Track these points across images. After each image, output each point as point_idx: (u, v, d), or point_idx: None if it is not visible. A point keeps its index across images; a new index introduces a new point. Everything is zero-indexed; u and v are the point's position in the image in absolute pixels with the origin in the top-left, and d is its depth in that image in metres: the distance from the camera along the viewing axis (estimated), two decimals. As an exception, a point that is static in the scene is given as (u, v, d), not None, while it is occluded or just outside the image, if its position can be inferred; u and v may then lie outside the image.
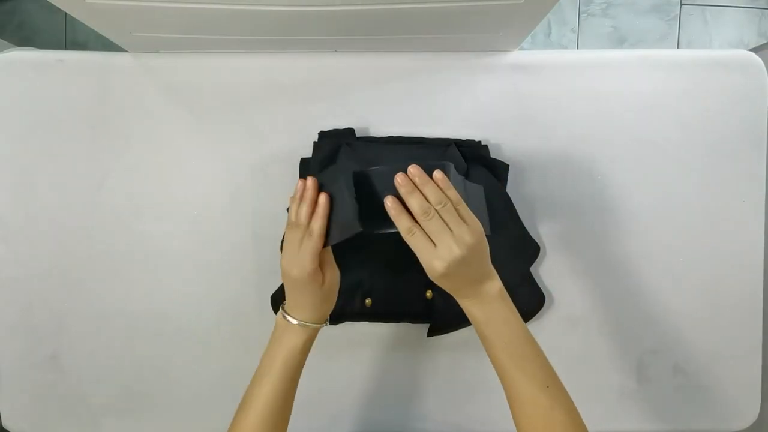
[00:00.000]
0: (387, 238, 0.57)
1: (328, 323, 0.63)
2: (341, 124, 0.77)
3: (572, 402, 0.56)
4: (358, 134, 0.77)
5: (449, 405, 0.80)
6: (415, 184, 0.55)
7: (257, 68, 0.78)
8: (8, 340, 0.80)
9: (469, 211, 0.55)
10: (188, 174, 0.78)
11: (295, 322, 0.59)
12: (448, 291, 0.58)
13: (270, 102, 0.78)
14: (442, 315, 0.74)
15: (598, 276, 0.80)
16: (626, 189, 0.79)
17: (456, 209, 0.54)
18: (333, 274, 0.61)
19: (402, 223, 0.54)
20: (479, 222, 0.56)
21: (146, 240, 0.79)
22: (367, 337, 0.80)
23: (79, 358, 0.80)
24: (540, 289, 0.78)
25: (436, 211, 0.53)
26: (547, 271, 0.79)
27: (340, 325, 0.77)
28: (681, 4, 1.60)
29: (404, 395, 0.80)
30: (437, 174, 0.55)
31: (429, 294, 0.74)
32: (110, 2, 0.58)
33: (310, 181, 0.58)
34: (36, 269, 0.79)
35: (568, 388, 0.57)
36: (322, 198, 0.57)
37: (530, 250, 0.77)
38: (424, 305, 0.75)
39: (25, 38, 1.57)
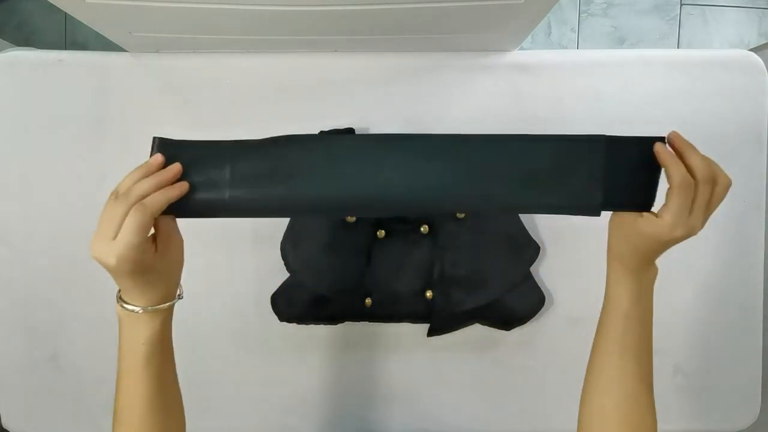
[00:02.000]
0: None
1: (180, 297, 0.54)
2: (341, 124, 0.77)
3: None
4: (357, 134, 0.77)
5: (449, 405, 0.80)
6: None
7: (257, 68, 0.78)
8: (8, 340, 0.80)
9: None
10: (188, 174, 0.78)
11: (139, 310, 0.49)
12: (636, 257, 0.54)
13: (270, 102, 0.78)
14: (442, 315, 0.74)
15: (598, 276, 0.80)
16: (626, 189, 0.79)
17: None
18: (178, 242, 0.53)
19: (678, 170, 0.48)
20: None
21: (146, 240, 0.78)
22: (367, 337, 0.80)
23: (79, 358, 0.80)
24: (540, 289, 0.78)
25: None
26: (547, 271, 0.79)
27: (340, 325, 0.77)
28: (681, 4, 1.60)
29: (404, 395, 0.80)
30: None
31: (429, 294, 0.74)
32: (110, 2, 0.58)
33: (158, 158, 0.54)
34: (36, 269, 0.79)
35: (568, 388, 0.56)
36: (177, 167, 0.53)
37: (530, 250, 0.77)
38: (424, 305, 0.75)
39: (25, 38, 1.56)
